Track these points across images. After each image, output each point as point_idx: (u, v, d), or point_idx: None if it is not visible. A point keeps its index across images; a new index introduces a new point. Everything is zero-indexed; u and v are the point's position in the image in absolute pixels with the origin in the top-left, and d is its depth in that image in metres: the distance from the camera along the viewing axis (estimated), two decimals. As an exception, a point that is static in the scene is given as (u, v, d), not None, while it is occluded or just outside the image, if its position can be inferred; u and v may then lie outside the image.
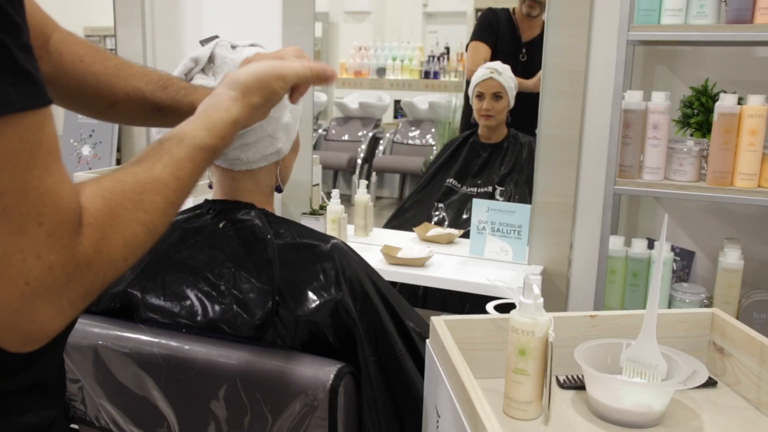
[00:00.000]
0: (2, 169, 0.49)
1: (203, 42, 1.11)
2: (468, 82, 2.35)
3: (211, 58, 1.08)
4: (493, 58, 2.33)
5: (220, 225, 1.07)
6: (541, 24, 2.26)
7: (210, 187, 1.16)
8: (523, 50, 2.29)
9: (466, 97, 2.39)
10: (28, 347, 0.55)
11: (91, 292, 0.57)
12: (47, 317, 0.53)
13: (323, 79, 0.90)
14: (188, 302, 1.03)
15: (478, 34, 2.39)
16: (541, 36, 2.00)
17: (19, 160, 0.50)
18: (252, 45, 1.12)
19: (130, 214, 0.60)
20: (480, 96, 2.29)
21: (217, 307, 1.02)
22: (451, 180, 2.35)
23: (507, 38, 2.33)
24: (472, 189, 2.32)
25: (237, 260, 1.03)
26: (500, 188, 2.27)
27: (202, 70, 1.07)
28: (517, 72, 2.28)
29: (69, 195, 0.54)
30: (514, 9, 2.31)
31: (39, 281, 0.52)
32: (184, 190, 0.69)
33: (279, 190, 1.17)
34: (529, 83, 2.25)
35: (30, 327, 0.53)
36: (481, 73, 2.29)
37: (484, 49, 2.35)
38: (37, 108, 0.52)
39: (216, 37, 1.09)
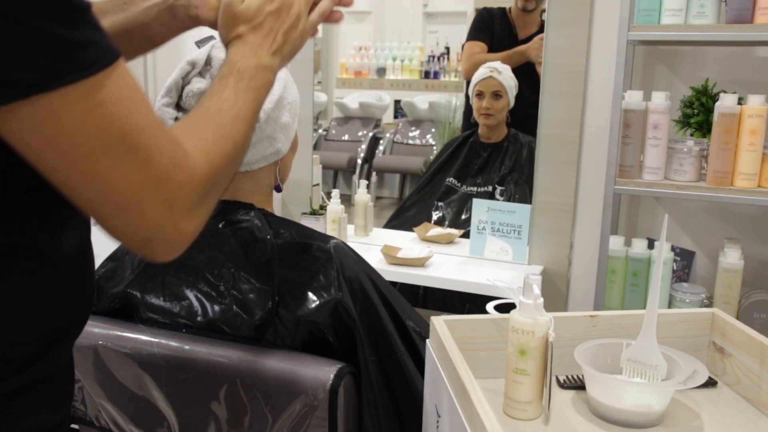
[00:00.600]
0: (119, 115, 0.58)
1: (199, 44, 1.10)
2: (468, 82, 2.36)
3: (208, 61, 1.08)
4: (489, 52, 2.34)
5: (220, 225, 1.07)
6: (538, 20, 2.26)
7: None
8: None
9: (467, 97, 2.39)
10: (176, 253, 0.66)
11: (213, 198, 0.69)
12: (186, 225, 0.65)
13: None
14: (188, 302, 1.03)
15: (473, 34, 2.39)
16: (537, 33, 2.00)
17: (129, 104, 0.59)
18: None
19: (217, 133, 0.71)
20: (480, 95, 2.29)
21: (216, 308, 1.02)
22: (451, 179, 2.35)
23: (503, 37, 2.32)
24: (472, 188, 2.32)
25: (236, 260, 1.03)
26: (500, 188, 2.27)
27: (200, 73, 1.07)
28: (514, 71, 2.28)
29: (167, 128, 0.64)
30: (509, 8, 2.31)
31: (174, 198, 0.62)
32: (251, 110, 0.77)
33: (278, 189, 1.17)
34: (522, 48, 2.23)
35: (175, 235, 0.64)
36: (481, 72, 2.29)
37: (479, 47, 2.36)
38: (120, 57, 0.59)
39: (212, 38, 1.09)
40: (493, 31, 2.35)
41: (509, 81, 2.27)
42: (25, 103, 0.54)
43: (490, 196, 2.27)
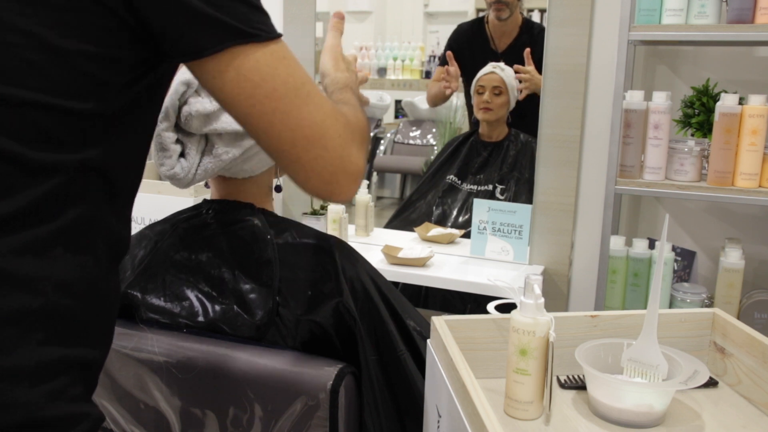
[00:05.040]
0: (297, 68, 0.74)
1: None
2: (470, 83, 2.35)
3: None
4: (464, 73, 2.33)
5: (220, 225, 1.07)
6: (515, 27, 2.24)
7: (206, 186, 1.16)
8: (501, 61, 2.28)
9: (468, 97, 2.39)
10: (355, 187, 0.80)
11: (365, 145, 0.83)
12: (357, 156, 0.79)
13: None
14: (188, 303, 1.03)
15: (443, 59, 2.39)
16: (518, 40, 1.98)
17: (299, 64, 0.75)
18: None
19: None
20: (480, 91, 2.29)
21: (217, 308, 1.02)
22: (452, 177, 2.35)
23: (478, 53, 2.31)
24: (472, 186, 2.31)
25: (237, 260, 1.03)
26: (500, 186, 2.27)
27: (196, 92, 1.06)
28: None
29: None
30: (487, 18, 2.30)
31: (345, 132, 0.77)
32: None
33: (278, 189, 1.17)
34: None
35: (352, 167, 0.78)
36: (484, 68, 2.29)
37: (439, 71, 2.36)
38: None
39: None
40: (463, 51, 2.34)
41: (511, 80, 2.26)
42: (242, 50, 0.69)
43: (491, 195, 2.27)
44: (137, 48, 0.69)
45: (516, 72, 2.18)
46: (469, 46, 2.34)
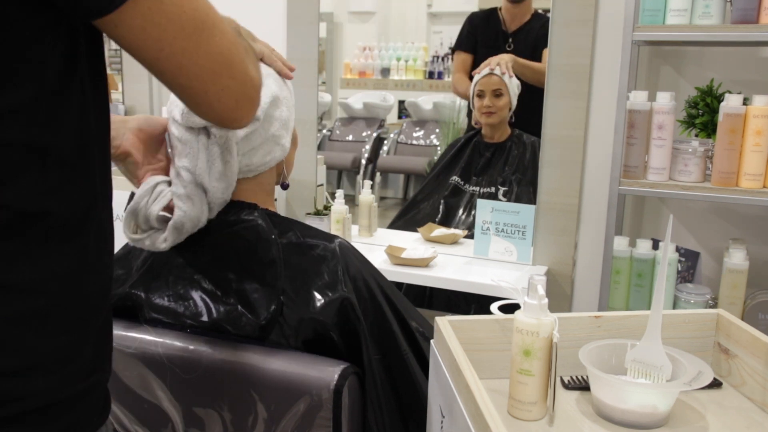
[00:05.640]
0: (201, 1, 0.71)
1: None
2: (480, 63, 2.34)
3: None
4: (476, 59, 2.33)
5: (224, 225, 1.07)
6: (528, 11, 2.25)
7: None
8: (509, 39, 2.27)
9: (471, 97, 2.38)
10: (253, 111, 0.81)
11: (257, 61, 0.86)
12: (256, 75, 0.79)
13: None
14: (192, 302, 1.03)
15: (458, 44, 2.39)
16: (528, 24, 1.99)
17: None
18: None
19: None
20: (481, 95, 2.28)
21: (221, 308, 1.02)
22: (455, 178, 2.35)
23: (490, 33, 2.31)
24: (475, 188, 2.31)
25: (241, 260, 1.03)
26: (503, 188, 2.27)
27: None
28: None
29: None
30: (500, 7, 2.31)
31: (245, 57, 0.77)
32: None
33: (285, 186, 1.17)
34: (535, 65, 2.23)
35: (253, 92, 0.79)
36: (482, 71, 2.28)
37: (461, 59, 2.37)
38: None
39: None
40: (477, 33, 2.34)
41: (509, 79, 2.26)
42: None
43: (493, 197, 2.27)
44: (30, 13, 0.62)
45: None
46: (482, 25, 2.34)
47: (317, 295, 1.01)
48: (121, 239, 0.95)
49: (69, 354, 0.69)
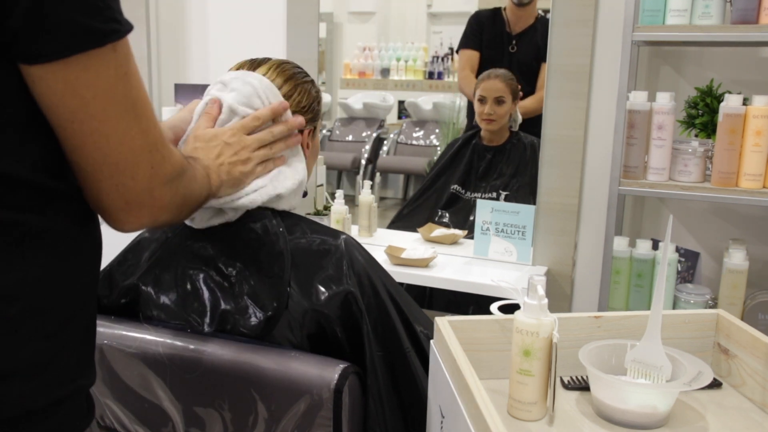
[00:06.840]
0: (136, 85, 0.66)
1: None
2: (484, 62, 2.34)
3: None
4: (481, 57, 2.33)
5: (231, 219, 1.07)
6: (533, 14, 2.25)
7: None
8: (513, 42, 2.27)
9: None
10: (142, 221, 0.72)
11: (181, 193, 0.76)
12: (161, 194, 0.71)
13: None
14: (199, 294, 1.04)
15: (464, 42, 2.38)
16: (532, 27, 1.98)
17: (138, 77, 0.66)
18: None
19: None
20: (482, 99, 2.26)
21: (228, 300, 1.02)
22: (456, 186, 2.34)
23: (494, 34, 2.31)
24: (476, 194, 2.31)
25: (249, 253, 1.04)
26: (504, 193, 2.26)
27: None
28: (507, 64, 2.27)
29: None
30: (504, 7, 2.30)
31: (158, 166, 0.69)
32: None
33: (303, 194, 1.17)
34: (526, 103, 2.24)
35: (150, 202, 0.70)
36: (485, 73, 2.28)
37: (466, 57, 2.36)
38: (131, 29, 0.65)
39: None
40: (482, 32, 2.34)
41: (512, 83, 2.26)
42: (85, 58, 0.60)
43: (495, 201, 2.26)
44: None
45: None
46: (488, 24, 2.34)
47: (321, 288, 1.01)
48: (125, 236, 0.95)
49: (47, 360, 0.67)
